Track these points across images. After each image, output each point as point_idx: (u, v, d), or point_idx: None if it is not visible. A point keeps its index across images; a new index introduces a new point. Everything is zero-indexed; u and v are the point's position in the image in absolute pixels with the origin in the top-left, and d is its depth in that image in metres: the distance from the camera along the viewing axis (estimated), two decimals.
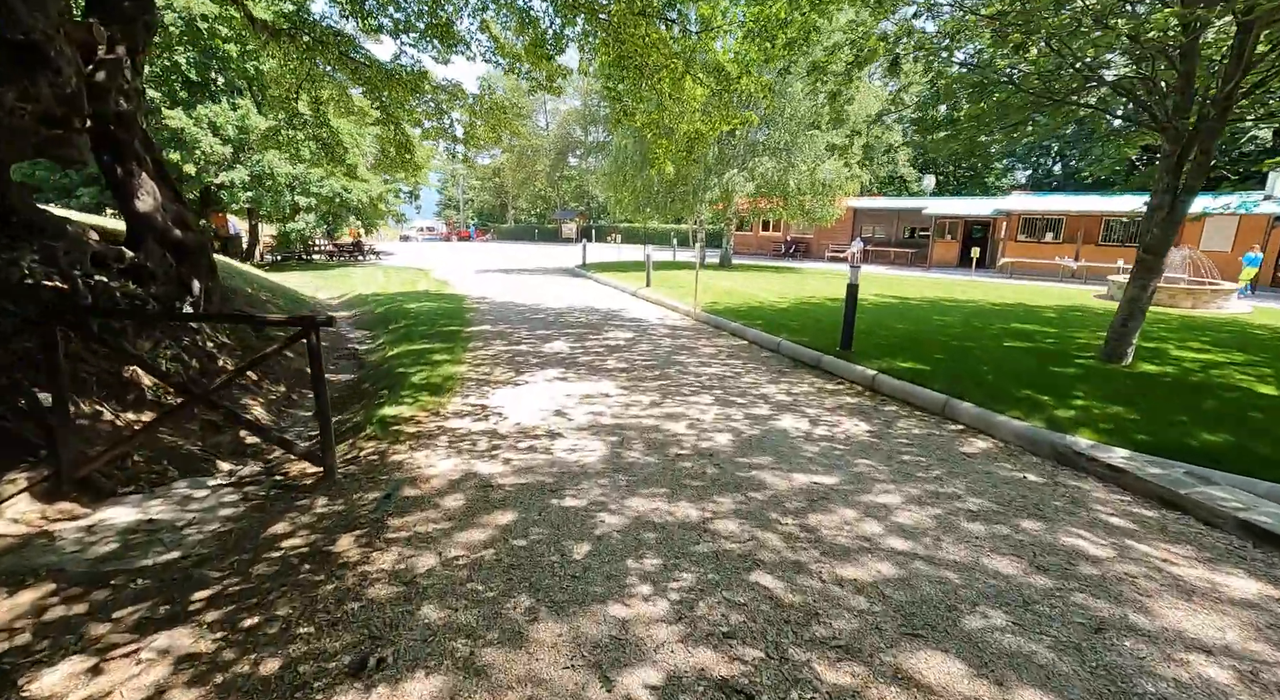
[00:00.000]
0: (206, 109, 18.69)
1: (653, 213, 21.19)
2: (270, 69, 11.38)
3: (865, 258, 26.46)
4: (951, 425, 5.11)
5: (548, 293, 14.69)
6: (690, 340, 8.91)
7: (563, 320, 10.60)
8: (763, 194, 18.92)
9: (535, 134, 53.63)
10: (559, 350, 8.13)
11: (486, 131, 12.72)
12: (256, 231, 25.00)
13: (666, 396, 5.86)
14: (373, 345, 9.69)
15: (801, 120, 18.35)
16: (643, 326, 10.06)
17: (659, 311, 11.90)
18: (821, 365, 7.17)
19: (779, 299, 12.40)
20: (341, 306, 13.90)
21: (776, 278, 17.69)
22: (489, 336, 9.10)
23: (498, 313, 11.49)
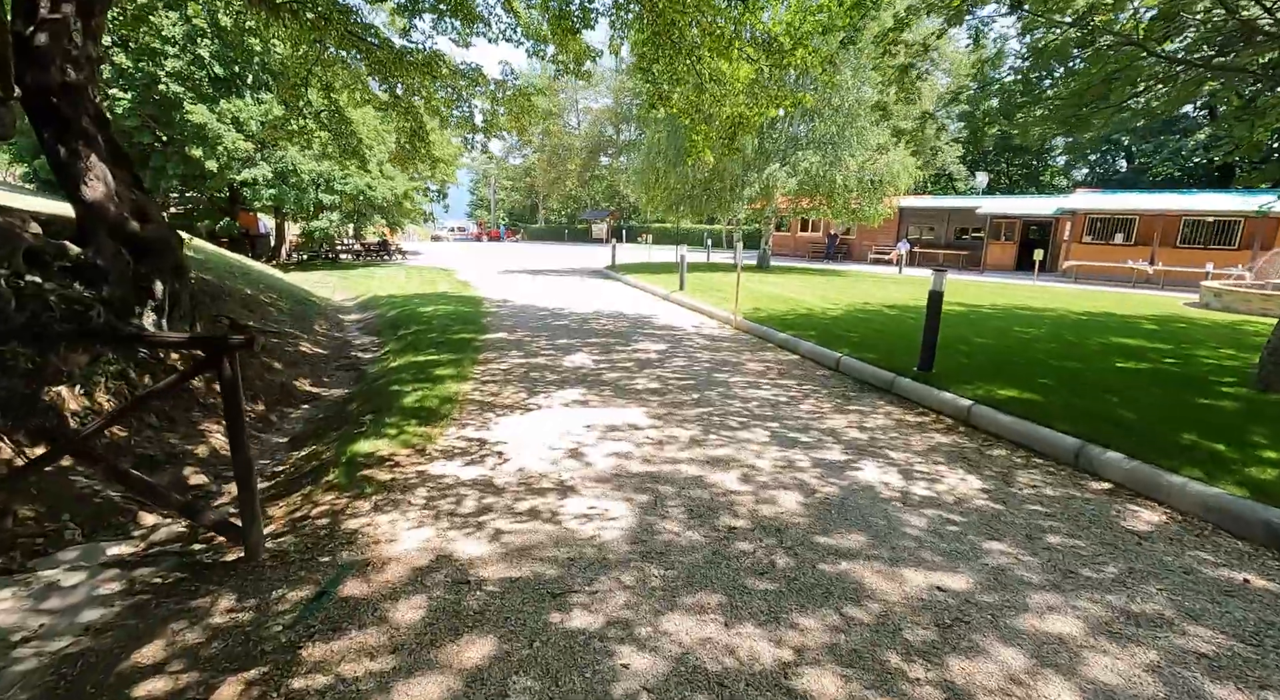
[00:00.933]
0: (230, 104, 18.22)
1: (686, 211, 20.01)
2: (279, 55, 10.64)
3: (911, 260, 24.78)
4: (1094, 483, 3.83)
5: (573, 296, 13.65)
6: (732, 354, 7.72)
7: (587, 328, 9.51)
8: (805, 192, 17.58)
9: (566, 132, 52.97)
10: (581, 365, 7.03)
11: (509, 120, 11.75)
12: (283, 230, 24.65)
13: (709, 430, 4.70)
14: (378, 354, 8.75)
15: (849, 111, 16.95)
16: (677, 336, 8.90)
17: (694, 318, 10.73)
18: (895, 390, 5.91)
19: (829, 305, 11.10)
20: (356, 308, 13.08)
21: (820, 281, 16.32)
22: (504, 346, 8.06)
23: (517, 318, 10.47)
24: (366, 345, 9.50)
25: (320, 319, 10.61)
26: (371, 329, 10.64)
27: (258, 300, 9.34)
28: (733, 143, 8.89)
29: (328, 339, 9.35)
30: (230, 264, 11.81)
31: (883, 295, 13.09)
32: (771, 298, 12.07)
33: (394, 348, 8.59)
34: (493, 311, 11.14)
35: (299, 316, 9.86)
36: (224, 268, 10.57)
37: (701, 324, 10.09)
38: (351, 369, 7.95)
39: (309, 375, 7.28)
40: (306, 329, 9.35)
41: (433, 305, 11.64)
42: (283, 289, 11.61)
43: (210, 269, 9.52)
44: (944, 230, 26.51)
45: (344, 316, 11.98)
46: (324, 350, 8.55)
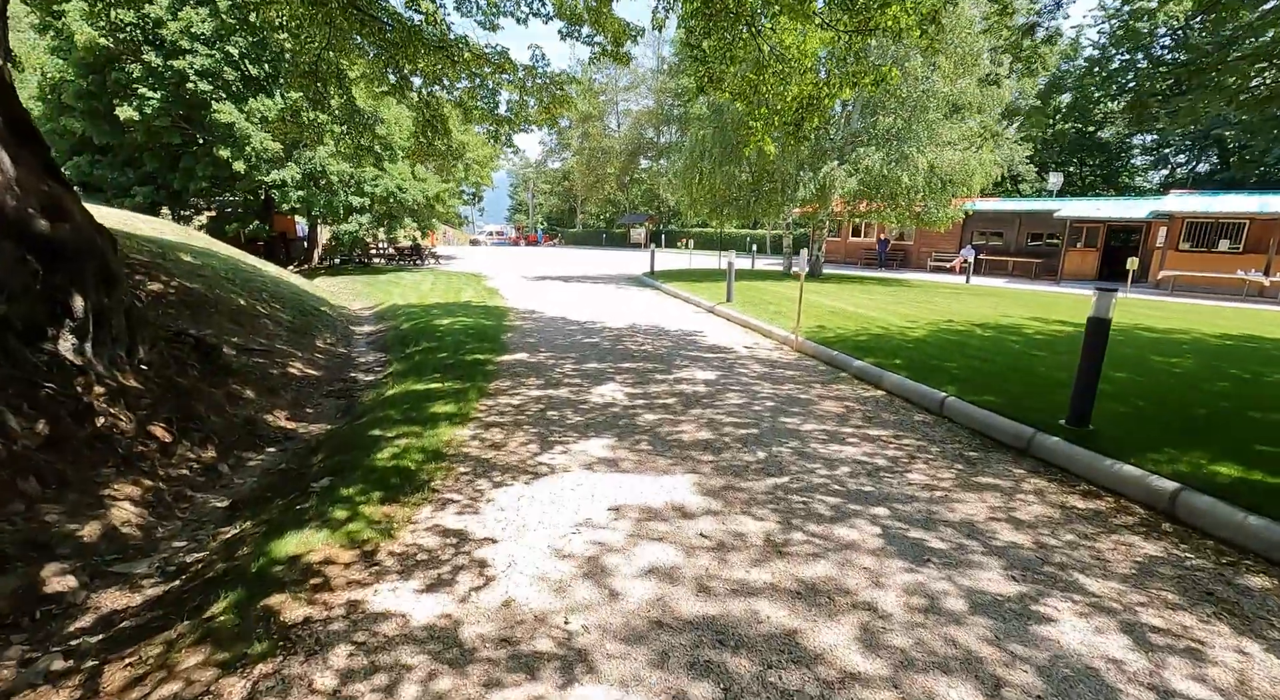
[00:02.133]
0: (259, 102, 17.62)
1: (731, 214, 18.49)
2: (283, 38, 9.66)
3: (977, 268, 22.68)
4: None
5: (608, 306, 12.32)
6: (799, 386, 6.22)
7: (622, 348, 8.14)
8: (865, 193, 15.84)
9: (606, 135, 52.03)
10: (612, 400, 5.66)
11: (540, 112, 10.52)
12: (315, 234, 24.15)
13: (790, 520, 3.25)
14: (380, 376, 7.57)
15: (918, 102, 15.19)
16: (727, 360, 7.44)
17: (746, 336, 9.24)
18: (1036, 451, 4.33)
19: (906, 323, 9.45)
20: (371, 319, 12.05)
21: (884, 292, 14.58)
22: (521, 372, 6.75)
23: (542, 334, 9.18)
24: (371, 364, 8.35)
25: (326, 332, 9.55)
26: (381, 344, 9.51)
27: (252, 312, 8.30)
28: (800, 130, 7.39)
29: (327, 357, 8.24)
30: (237, 269, 10.91)
31: (963, 310, 11.32)
32: (834, 313, 10.48)
33: (397, 369, 7.39)
34: (516, 325, 9.88)
35: (300, 330, 8.80)
36: (225, 274, 9.62)
37: (755, 344, 8.60)
38: (344, 396, 6.76)
39: (289, 405, 6.10)
40: (305, 345, 8.26)
41: (452, 317, 10.46)
42: (291, 298, 10.64)
43: (203, 277, 8.53)
44: (1014, 235, 24.21)
45: (356, 329, 10.92)
46: (318, 371, 7.41)
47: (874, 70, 7.13)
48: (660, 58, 49.42)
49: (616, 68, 51.20)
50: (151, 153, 18.30)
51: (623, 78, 51.73)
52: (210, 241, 14.25)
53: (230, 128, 17.40)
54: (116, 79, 16.98)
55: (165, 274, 7.54)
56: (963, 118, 15.31)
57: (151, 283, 7.14)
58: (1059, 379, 5.91)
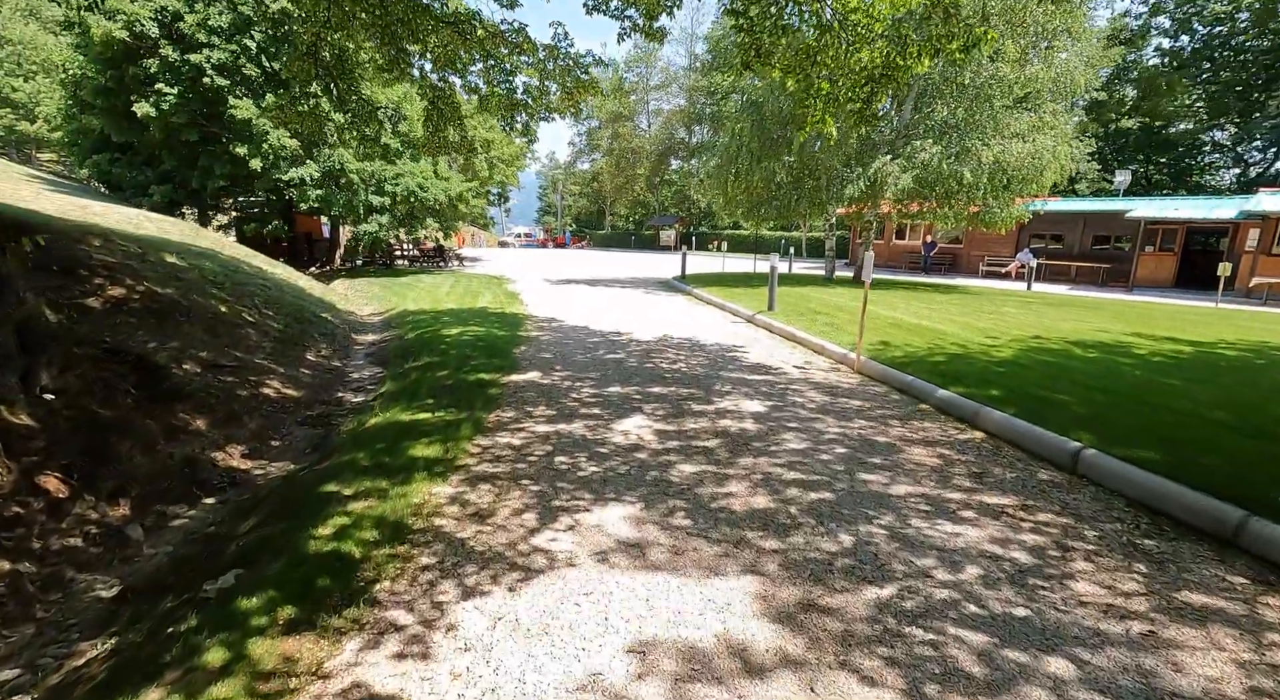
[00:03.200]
0: (277, 97, 16.94)
1: (770, 214, 17.12)
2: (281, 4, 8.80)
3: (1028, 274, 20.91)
4: None
5: (636, 315, 11.14)
6: (873, 423, 4.95)
7: (651, 367, 6.95)
8: (920, 191, 14.33)
9: (636, 136, 51.01)
10: (637, 440, 4.48)
11: (563, 98, 9.42)
12: (337, 234, 23.57)
13: (920, 688, 2.01)
14: (370, 397, 6.53)
15: (981, 89, 13.66)
16: (777, 385, 6.19)
17: (795, 353, 7.96)
18: (1249, 543, 2.99)
19: (985, 339, 8.04)
20: (379, 326, 11.10)
21: (945, 301, 13.09)
22: (530, 398, 5.62)
23: (561, 347, 8.05)
24: (364, 381, 7.32)
25: (321, 343, 8.59)
26: (381, 357, 8.51)
27: (234, 320, 7.35)
28: (869, 107, 6.10)
29: (315, 372, 7.24)
30: (236, 272, 10.06)
31: (1045, 324, 9.82)
32: (895, 325, 9.10)
33: (390, 389, 6.34)
34: (532, 337, 8.77)
35: (289, 341, 7.84)
36: (216, 277, 8.74)
37: (808, 363, 7.31)
38: (322, 423, 5.72)
39: (251, 436, 5.07)
40: (290, 359, 7.27)
41: (462, 326, 9.42)
42: (290, 304, 9.73)
43: (184, 281, 7.63)
44: (1077, 238, 22.25)
45: (359, 337, 9.97)
46: (298, 391, 6.40)
47: (965, 33, 5.82)
48: (692, 55, 48.24)
49: (647, 67, 50.22)
50: (170, 150, 17.82)
51: (654, 76, 50.68)
52: (221, 242, 13.55)
53: (248, 124, 16.78)
54: (134, 75, 16.50)
55: (133, 278, 6.63)
56: (1033, 106, 13.72)
57: (113, 288, 6.22)
58: (1219, 420, 4.52)
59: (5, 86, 28.03)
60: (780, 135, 15.70)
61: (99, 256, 6.66)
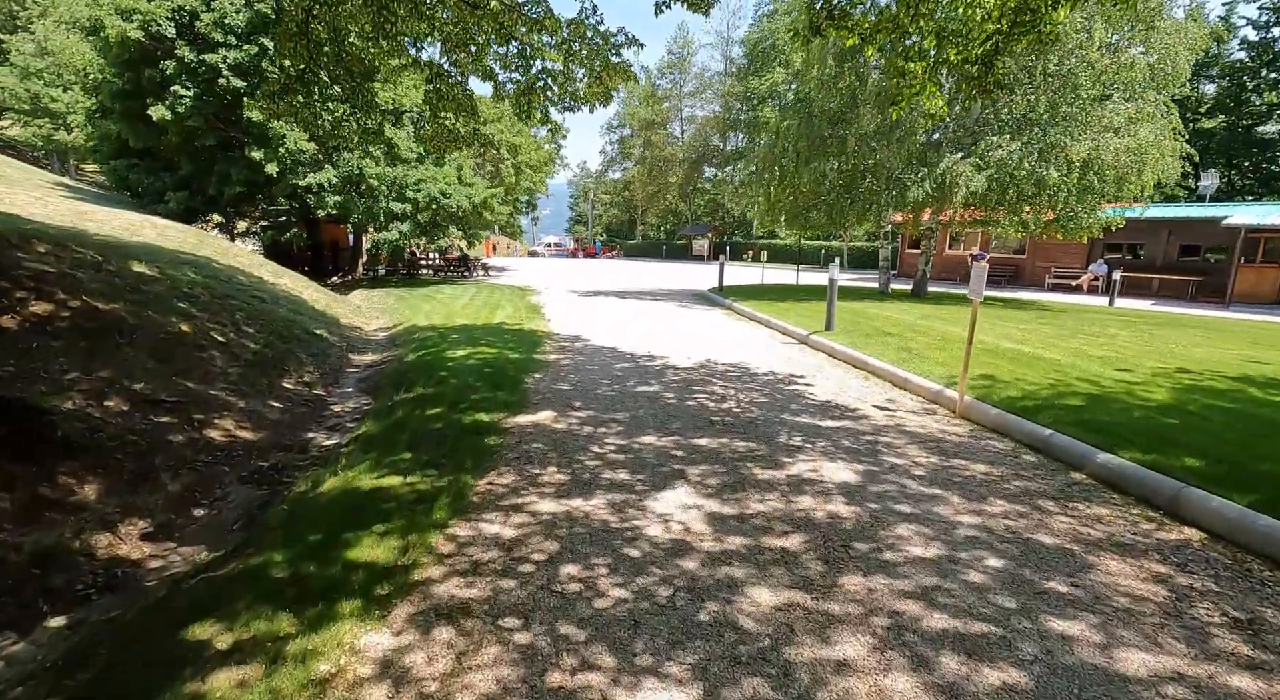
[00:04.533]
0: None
1: (818, 221, 15.53)
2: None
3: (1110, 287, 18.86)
4: None
5: (672, 332, 9.74)
6: (1020, 507, 3.43)
7: (694, 405, 5.53)
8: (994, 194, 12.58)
9: (669, 143, 49.88)
10: (683, 535, 3.07)
11: (590, 84, 8.16)
12: (359, 243, 22.79)
13: None
14: (342, 439, 5.26)
15: (1069, 77, 11.92)
16: (863, 437, 4.70)
17: (869, 385, 6.44)
18: None
19: (1116, 372, 6.38)
20: (383, 344, 9.92)
21: (1031, 319, 11.33)
22: (537, 453, 4.25)
23: (581, 375, 6.69)
24: (345, 417, 6.07)
25: (308, 366, 7.40)
26: (375, 383, 7.27)
27: (196, 342, 6.18)
28: (990, 72, 4.61)
29: (288, 405, 6.01)
30: (224, 283, 9.00)
31: (1175, 352, 8.07)
32: (988, 352, 7.47)
33: (366, 432, 5.07)
34: (549, 361, 7.44)
35: (265, 365, 6.65)
36: (188, 288, 7.64)
37: (891, 402, 5.79)
38: (269, 482, 4.44)
39: (164, 506, 3.82)
40: (260, 388, 6.07)
41: (471, 346, 8.15)
42: (281, 320, 8.61)
43: (142, 293, 6.52)
44: (1160, 247, 20.06)
45: (356, 357, 8.78)
46: (257, 432, 5.16)
47: None
48: (728, 59, 46.95)
49: (681, 73, 49.14)
50: (187, 156, 17.20)
51: (688, 82, 49.54)
52: (226, 249, 12.65)
53: (264, 127, 16.01)
54: (150, 77, 15.90)
55: (69, 291, 5.52)
56: (1131, 95, 11.92)
57: (38, 303, 5.09)
58: None
59: (45, 96, 28.28)
60: (831, 134, 14.18)
61: (33, 265, 5.56)
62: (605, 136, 55.45)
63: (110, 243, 8.72)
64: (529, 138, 23.46)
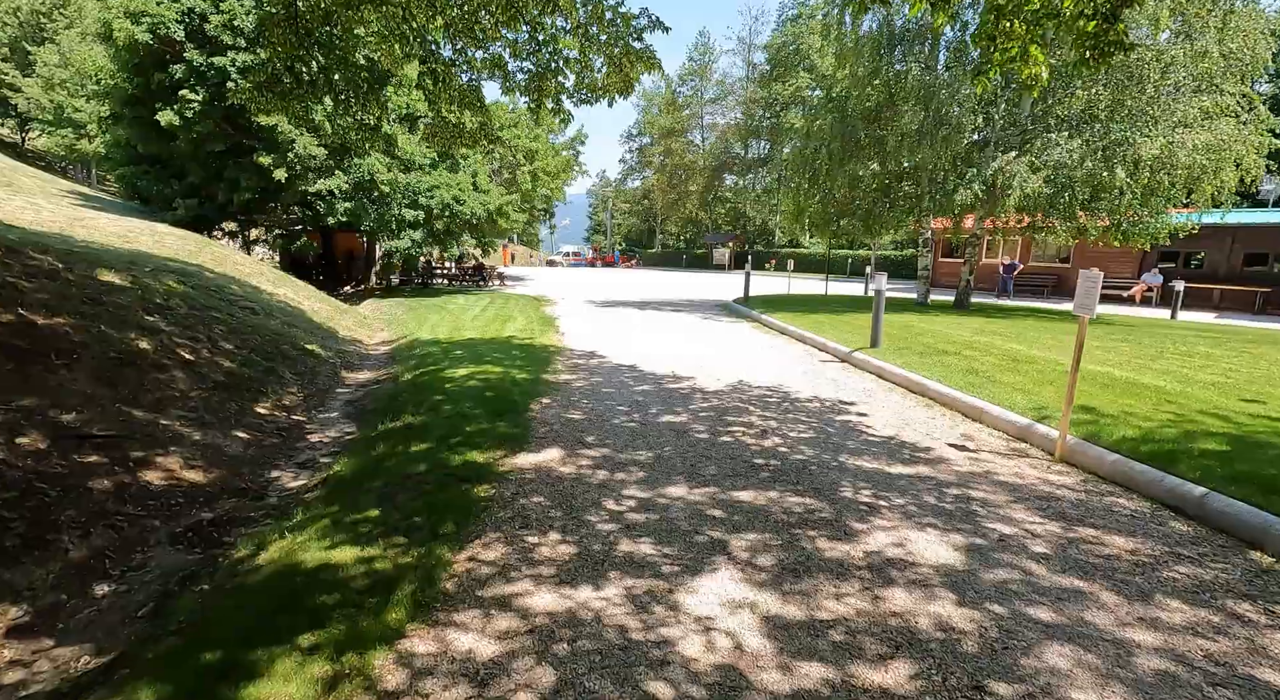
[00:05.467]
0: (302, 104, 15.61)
1: (852, 228, 14.49)
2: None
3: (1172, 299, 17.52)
4: None
5: (697, 348, 8.81)
6: (1208, 612, 2.43)
7: (730, 442, 4.58)
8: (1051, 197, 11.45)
9: (689, 151, 49.14)
10: (732, 665, 2.11)
11: (610, 74, 7.34)
12: (373, 251, 22.25)
13: None
14: (309, 482, 4.41)
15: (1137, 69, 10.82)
16: (948, 491, 3.71)
17: (937, 416, 5.44)
18: None
19: (1243, 403, 5.28)
20: (382, 360, 9.13)
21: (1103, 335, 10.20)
22: (535, 513, 3.35)
23: (597, 399, 5.78)
24: (320, 450, 5.22)
25: (290, 388, 6.59)
26: (363, 407, 6.44)
27: (158, 360, 5.41)
28: (1112, 25, 3.64)
29: (258, 436, 5.19)
30: (210, 293, 8.30)
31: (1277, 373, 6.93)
32: (1086, 378, 6.40)
33: (336, 474, 4.22)
34: (560, 383, 6.55)
35: (238, 387, 5.86)
36: (162, 299, 6.91)
37: (968, 438, 4.78)
38: (210, 541, 3.58)
39: (53, 586, 2.97)
40: (227, 415, 5.26)
41: (475, 364, 7.30)
42: (271, 333, 7.86)
43: (97, 305, 5.77)
44: (1224, 256, 18.64)
45: (350, 375, 7.98)
46: (210, 472, 4.33)
47: None
48: (750, 65, 46.15)
49: (702, 80, 48.46)
50: (197, 162, 16.75)
51: (709, 90, 48.84)
52: (224, 258, 12.03)
53: (273, 131, 15.50)
54: (159, 81, 15.50)
55: (6, 302, 4.77)
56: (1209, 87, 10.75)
57: None
58: None
59: (69, 106, 28.40)
60: (867, 134, 13.19)
61: None
62: (624, 145, 54.86)
63: (87, 250, 8.07)
64: (546, 144, 22.81)
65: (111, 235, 10.81)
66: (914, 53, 12.73)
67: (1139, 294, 19.03)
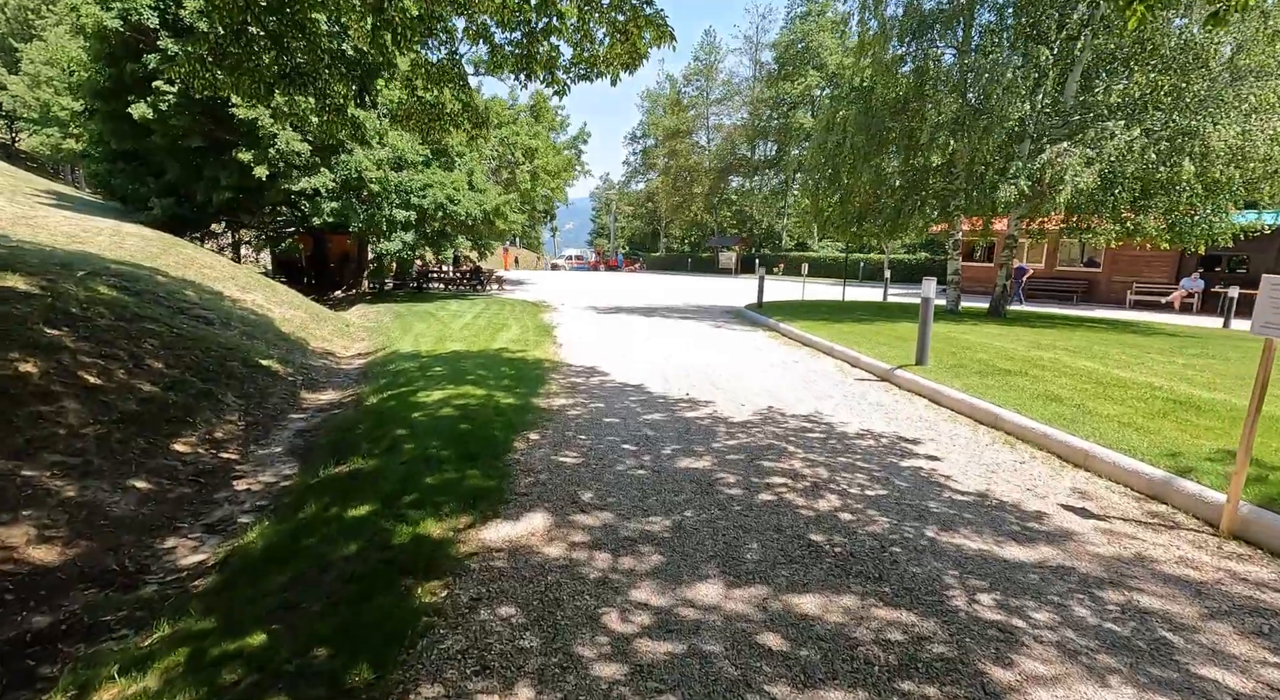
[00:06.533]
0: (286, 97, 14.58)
1: (878, 229, 13.31)
2: None
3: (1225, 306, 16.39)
4: None
5: (713, 363, 7.67)
6: None
7: (771, 504, 3.45)
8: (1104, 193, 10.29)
9: (694, 152, 48.09)
10: None
11: (613, 46, 6.26)
12: (364, 254, 21.19)
13: None
14: (212, 556, 3.28)
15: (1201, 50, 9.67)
16: (1099, 592, 2.57)
17: (1026, 459, 4.29)
18: None
19: None
20: (351, 377, 8.01)
21: (1173, 348, 8.98)
22: (500, 638, 2.20)
23: (596, 434, 4.65)
24: (243, 503, 4.10)
25: (229, 414, 5.48)
26: (315, 439, 5.32)
27: (52, 384, 4.31)
28: None
29: (160, 487, 4.08)
30: (157, 299, 7.21)
31: None
32: (1188, 407, 5.23)
33: (248, 544, 3.12)
34: (554, 410, 5.41)
35: (149, 417, 4.75)
36: (78, 306, 5.83)
37: (1084, 496, 3.63)
38: (6, 675, 2.44)
39: None
40: (126, 458, 4.15)
41: (455, 384, 6.18)
42: (221, 346, 6.76)
43: None
44: (1269, 260, 17.40)
45: (311, 396, 6.87)
46: (67, 549, 3.22)
47: None
48: (757, 64, 45.10)
49: (707, 80, 47.45)
50: (173, 158, 15.71)
51: (714, 90, 47.79)
52: (190, 260, 10.95)
53: (254, 126, 14.47)
54: (133, 72, 14.48)
55: None
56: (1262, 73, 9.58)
57: None
58: None
59: (55, 105, 27.50)
60: (895, 125, 12.07)
61: None
62: (628, 146, 53.80)
63: (13, 251, 7.00)
64: (547, 141, 21.75)
65: (60, 235, 9.76)
66: (947, 37, 11.61)
67: (1178, 300, 17.83)
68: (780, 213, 44.41)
